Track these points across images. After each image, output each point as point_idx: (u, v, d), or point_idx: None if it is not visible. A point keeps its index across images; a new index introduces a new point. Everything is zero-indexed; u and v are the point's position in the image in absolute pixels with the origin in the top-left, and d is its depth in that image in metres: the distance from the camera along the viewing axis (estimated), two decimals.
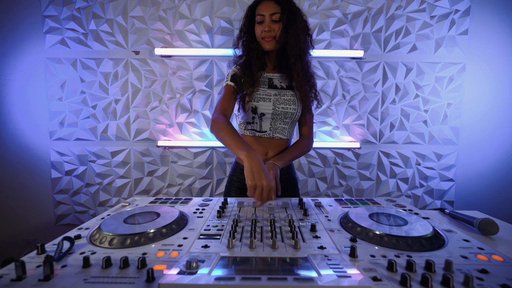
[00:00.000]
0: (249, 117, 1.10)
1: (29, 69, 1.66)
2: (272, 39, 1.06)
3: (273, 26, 1.05)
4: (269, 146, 1.12)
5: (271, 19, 1.05)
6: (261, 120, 1.10)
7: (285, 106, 1.10)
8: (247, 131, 1.13)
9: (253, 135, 1.11)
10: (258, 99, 1.08)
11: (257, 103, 1.08)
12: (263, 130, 1.10)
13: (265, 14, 1.05)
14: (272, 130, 1.11)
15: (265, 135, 1.10)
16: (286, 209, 0.80)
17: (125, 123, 1.69)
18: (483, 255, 0.51)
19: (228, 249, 0.53)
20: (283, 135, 1.12)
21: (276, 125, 1.11)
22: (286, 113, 1.10)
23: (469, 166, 1.71)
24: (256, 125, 1.11)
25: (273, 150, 1.12)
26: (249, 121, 1.11)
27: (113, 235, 0.57)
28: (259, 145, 1.11)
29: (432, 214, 0.82)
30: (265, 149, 1.12)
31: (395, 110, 1.66)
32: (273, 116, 1.09)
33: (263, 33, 1.05)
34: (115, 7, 1.61)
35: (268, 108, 1.09)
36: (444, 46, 1.62)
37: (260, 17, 1.06)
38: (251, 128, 1.12)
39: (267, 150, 1.12)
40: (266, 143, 1.11)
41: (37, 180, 1.74)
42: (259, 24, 1.07)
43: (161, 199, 0.91)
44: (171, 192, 1.74)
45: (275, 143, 1.12)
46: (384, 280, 0.42)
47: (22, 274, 0.43)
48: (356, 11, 1.61)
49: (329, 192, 1.74)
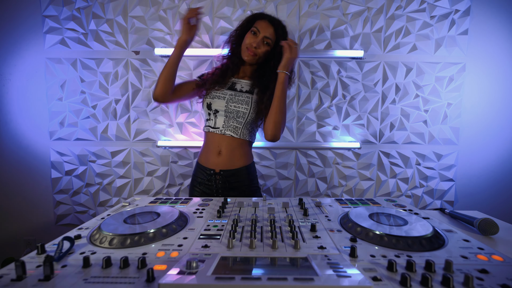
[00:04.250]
0: (206, 113, 1.20)
1: (29, 69, 1.66)
2: (254, 55, 1.15)
3: (261, 46, 1.15)
4: (221, 142, 1.17)
5: (263, 40, 1.14)
6: (215, 117, 1.18)
7: (237, 105, 1.16)
8: (205, 127, 1.22)
9: (208, 131, 1.20)
10: (214, 96, 1.17)
11: (212, 100, 1.17)
12: (216, 126, 1.18)
13: (261, 32, 1.14)
14: (224, 127, 1.17)
15: (218, 131, 1.17)
16: (286, 209, 0.80)
17: (125, 123, 1.69)
18: (483, 255, 0.51)
19: (228, 249, 0.53)
20: (235, 133, 1.17)
21: (229, 123, 1.17)
22: (238, 112, 1.16)
23: (469, 166, 1.71)
24: (211, 121, 1.19)
25: (225, 148, 1.17)
26: (207, 118, 1.21)
27: (113, 235, 0.57)
28: (213, 142, 1.19)
29: (432, 214, 0.82)
30: (218, 146, 1.18)
31: (395, 110, 1.67)
32: (226, 113, 1.16)
33: (250, 45, 1.14)
34: (115, 7, 1.61)
35: (221, 105, 1.16)
36: (444, 46, 1.62)
37: (256, 30, 1.15)
38: (208, 125, 1.21)
39: (220, 148, 1.17)
40: (218, 139, 1.18)
41: (37, 180, 1.74)
42: (251, 34, 1.15)
43: (161, 199, 0.91)
44: (171, 192, 1.74)
45: (227, 141, 1.17)
46: (384, 280, 0.42)
47: (22, 274, 0.43)
48: (356, 11, 1.61)
49: (329, 192, 1.74)
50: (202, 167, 1.20)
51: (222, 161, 1.16)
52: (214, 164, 1.16)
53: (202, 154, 1.22)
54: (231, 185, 1.16)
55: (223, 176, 1.16)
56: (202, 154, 1.22)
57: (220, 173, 1.16)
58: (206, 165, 1.18)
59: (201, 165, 1.20)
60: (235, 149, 1.17)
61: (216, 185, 1.16)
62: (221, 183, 1.16)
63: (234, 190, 1.17)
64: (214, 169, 1.16)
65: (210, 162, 1.17)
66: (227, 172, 1.16)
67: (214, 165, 1.16)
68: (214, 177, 1.16)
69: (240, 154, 1.18)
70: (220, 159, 1.16)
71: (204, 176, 1.18)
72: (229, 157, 1.16)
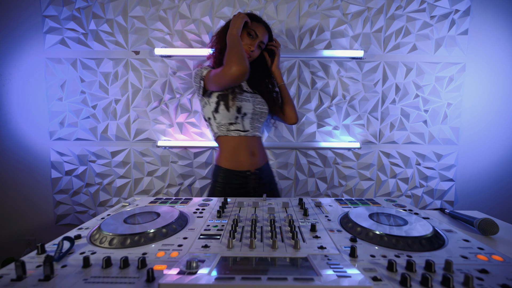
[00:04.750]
0: (232, 117, 1.16)
1: (29, 69, 1.66)
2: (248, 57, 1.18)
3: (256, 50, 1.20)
4: (253, 144, 1.20)
5: (258, 44, 1.19)
6: (243, 120, 1.18)
7: (261, 107, 1.21)
8: (231, 132, 1.18)
9: (238, 135, 1.18)
10: (241, 99, 1.16)
11: (241, 103, 1.15)
12: (246, 129, 1.18)
13: (259, 37, 1.18)
14: (253, 128, 1.20)
15: (249, 134, 1.19)
16: (286, 209, 0.80)
17: (125, 123, 1.69)
18: (483, 255, 0.51)
19: (228, 249, 0.53)
20: (260, 133, 1.25)
21: (254, 124, 1.20)
22: (262, 113, 1.22)
23: (469, 166, 1.71)
24: (239, 125, 1.17)
25: (256, 148, 1.21)
26: (232, 122, 1.17)
27: (113, 235, 0.57)
28: (244, 144, 1.18)
29: (432, 214, 0.82)
30: (250, 148, 1.19)
31: (395, 110, 1.67)
32: (253, 115, 1.19)
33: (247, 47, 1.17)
34: (115, 7, 1.61)
35: (249, 108, 1.17)
36: (444, 46, 1.62)
37: (254, 33, 1.18)
38: (235, 129, 1.18)
39: (252, 149, 1.19)
40: (250, 142, 1.19)
41: (37, 180, 1.74)
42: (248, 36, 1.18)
43: (161, 199, 0.91)
44: (171, 192, 1.74)
45: (256, 141, 1.22)
46: (384, 280, 0.42)
47: (22, 274, 0.43)
48: (356, 11, 1.61)
49: (329, 192, 1.74)
50: (234, 172, 1.15)
51: (256, 160, 1.19)
52: (249, 165, 1.17)
53: (229, 159, 1.17)
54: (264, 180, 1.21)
55: (257, 174, 1.19)
56: (229, 158, 1.16)
57: (255, 172, 1.18)
58: (240, 168, 1.16)
59: (232, 170, 1.15)
60: (261, 147, 1.25)
61: (253, 185, 1.18)
62: (257, 181, 1.19)
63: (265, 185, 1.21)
64: (250, 169, 1.17)
65: (244, 165, 1.17)
66: (259, 170, 1.20)
67: (249, 166, 1.17)
68: (251, 177, 1.17)
69: (264, 151, 1.27)
70: (254, 159, 1.19)
71: (238, 180, 1.16)
72: (260, 155, 1.22)
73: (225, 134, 1.18)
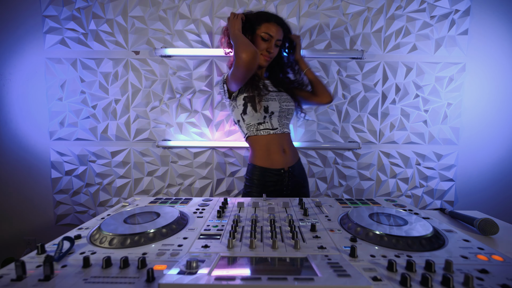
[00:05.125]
0: (260, 117, 1.19)
1: (29, 69, 1.66)
2: (269, 59, 1.20)
3: (274, 50, 1.19)
4: (283, 141, 1.22)
5: (275, 43, 1.18)
6: (270, 118, 1.20)
7: (288, 104, 1.23)
8: (260, 131, 1.20)
9: (268, 134, 1.20)
10: (268, 99, 1.18)
11: (267, 102, 1.18)
12: (275, 127, 1.20)
13: (274, 37, 1.17)
14: (281, 126, 1.22)
15: (278, 131, 1.20)
16: (286, 209, 0.80)
17: (125, 123, 1.69)
18: (483, 255, 0.51)
19: (228, 249, 0.53)
20: (288, 129, 1.26)
21: (282, 122, 1.22)
22: (289, 110, 1.23)
23: (469, 166, 1.71)
24: (268, 124, 1.20)
25: (287, 145, 1.22)
26: (260, 122, 1.20)
27: (113, 235, 0.57)
28: (276, 142, 1.20)
29: (432, 214, 0.82)
30: (281, 145, 1.21)
31: (395, 110, 1.67)
32: (280, 113, 1.21)
33: (265, 52, 1.18)
34: (115, 7, 1.61)
35: (276, 106, 1.19)
36: (444, 46, 1.62)
37: (268, 36, 1.17)
38: (264, 128, 1.20)
39: (283, 146, 1.21)
40: (280, 139, 1.21)
41: (37, 180, 1.74)
42: (263, 41, 1.18)
43: (161, 199, 0.91)
44: (171, 192, 1.74)
45: (286, 138, 1.24)
46: (384, 280, 0.42)
47: (22, 274, 0.43)
48: (356, 11, 1.61)
49: (329, 192, 1.74)
50: (269, 170, 1.17)
51: (289, 158, 1.20)
52: (282, 163, 1.18)
53: (262, 157, 1.19)
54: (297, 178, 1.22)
55: (291, 172, 1.20)
56: (263, 157, 1.19)
57: (289, 170, 1.19)
58: (274, 167, 1.18)
59: (267, 168, 1.17)
60: (291, 144, 1.26)
61: (287, 183, 1.19)
62: (289, 180, 1.20)
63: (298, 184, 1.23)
64: (283, 167, 1.18)
65: (278, 162, 1.18)
66: (293, 168, 1.21)
67: (283, 164, 1.18)
68: (285, 175, 1.18)
69: (294, 148, 1.27)
70: (286, 157, 1.20)
71: (274, 178, 1.17)
72: (291, 152, 1.23)
73: (255, 134, 1.21)
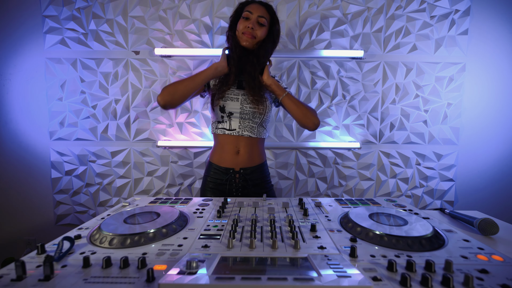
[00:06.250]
0: (218, 116, 1.14)
1: (29, 69, 1.66)
2: (251, 37, 1.08)
3: (258, 28, 1.08)
4: (239, 143, 1.15)
5: (257, 20, 1.08)
6: (230, 119, 1.13)
7: (253, 106, 1.13)
8: (218, 129, 1.16)
9: (223, 133, 1.14)
10: (226, 98, 1.12)
11: (225, 102, 1.12)
12: (232, 128, 1.14)
13: (253, 13, 1.07)
14: (241, 128, 1.13)
15: (235, 133, 1.13)
16: (286, 209, 0.80)
17: (125, 123, 1.69)
18: (483, 255, 0.51)
19: (228, 249, 0.53)
20: (252, 133, 1.15)
21: (245, 124, 1.14)
22: (254, 113, 1.13)
23: (469, 166, 1.71)
24: (226, 123, 1.14)
25: (243, 147, 1.15)
26: (219, 120, 1.15)
27: (113, 235, 0.57)
28: (229, 142, 1.15)
29: (432, 214, 0.82)
30: (235, 146, 1.15)
31: (395, 110, 1.67)
32: (241, 115, 1.13)
33: (245, 29, 1.07)
34: (115, 7, 1.61)
35: (235, 107, 1.12)
36: (444, 46, 1.62)
37: (247, 13, 1.08)
38: (222, 127, 1.15)
39: (238, 148, 1.15)
40: (235, 140, 1.14)
41: (37, 180, 1.74)
42: (244, 19, 1.08)
43: (161, 199, 0.91)
44: (171, 192, 1.74)
45: (245, 141, 1.15)
46: (384, 280, 0.42)
47: (22, 274, 0.43)
48: (356, 11, 1.61)
49: (329, 192, 1.74)
50: (218, 167, 1.15)
51: (242, 159, 1.14)
52: (233, 163, 1.14)
53: (216, 154, 1.17)
54: (252, 182, 1.15)
55: (243, 174, 1.14)
56: (217, 154, 1.17)
57: (240, 171, 1.14)
58: (224, 165, 1.14)
59: (218, 165, 1.16)
60: (253, 147, 1.16)
61: (236, 184, 1.14)
62: (241, 181, 1.14)
63: (254, 187, 1.15)
64: (233, 167, 1.14)
65: (228, 162, 1.14)
66: (246, 170, 1.14)
67: (233, 164, 1.14)
68: (234, 176, 1.14)
69: (258, 152, 1.18)
70: (239, 158, 1.14)
71: (222, 176, 1.14)
72: (248, 155, 1.15)
73: (214, 132, 1.18)
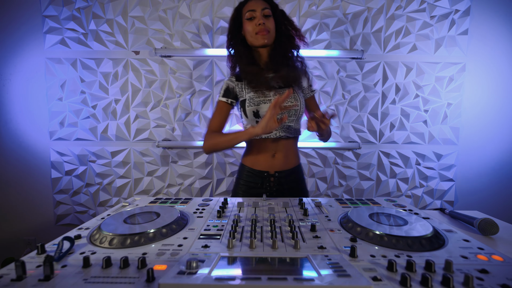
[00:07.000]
0: (253, 121, 1.08)
1: (29, 69, 1.66)
2: (267, 33, 1.04)
3: (265, 20, 1.04)
4: (276, 146, 1.10)
5: (262, 14, 1.04)
6: None
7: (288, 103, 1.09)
8: None
9: (259, 137, 1.08)
10: (258, 102, 1.06)
11: (258, 107, 1.06)
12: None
13: (256, 9, 1.04)
14: (277, 130, 1.08)
15: (272, 135, 1.08)
16: (286, 209, 0.80)
17: (125, 123, 1.69)
18: (483, 255, 0.51)
19: (228, 249, 0.53)
20: (289, 133, 1.10)
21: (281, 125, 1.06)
22: (289, 111, 1.08)
23: (469, 166, 1.71)
24: None
25: (280, 151, 1.10)
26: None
27: (113, 235, 0.57)
28: (265, 146, 1.10)
29: (432, 214, 0.82)
30: (272, 150, 1.10)
31: (395, 110, 1.67)
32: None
33: (256, 28, 1.03)
34: (115, 7, 1.61)
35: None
36: (444, 46, 1.62)
37: (250, 13, 1.04)
38: None
39: (274, 151, 1.10)
40: (272, 144, 1.09)
41: (37, 180, 1.74)
42: (249, 20, 1.05)
43: (161, 199, 0.91)
44: (171, 192, 1.74)
45: (283, 143, 1.10)
46: (384, 280, 0.42)
47: (22, 274, 0.43)
48: (356, 11, 1.61)
49: (329, 192, 1.74)
50: (252, 170, 1.11)
51: (278, 162, 1.10)
52: (267, 166, 1.10)
53: (250, 157, 1.13)
54: (287, 185, 1.11)
55: (278, 177, 1.10)
56: (251, 157, 1.13)
57: (275, 174, 1.10)
58: (258, 168, 1.10)
59: (251, 168, 1.11)
60: (290, 148, 1.12)
61: (271, 188, 1.10)
62: (276, 185, 1.10)
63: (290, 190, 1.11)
64: (268, 170, 1.10)
65: (263, 165, 1.10)
66: (282, 173, 1.10)
67: (268, 167, 1.10)
68: (268, 179, 1.09)
69: (294, 153, 1.14)
70: (275, 161, 1.09)
71: (255, 180, 1.10)
72: (284, 158, 1.10)
73: None
